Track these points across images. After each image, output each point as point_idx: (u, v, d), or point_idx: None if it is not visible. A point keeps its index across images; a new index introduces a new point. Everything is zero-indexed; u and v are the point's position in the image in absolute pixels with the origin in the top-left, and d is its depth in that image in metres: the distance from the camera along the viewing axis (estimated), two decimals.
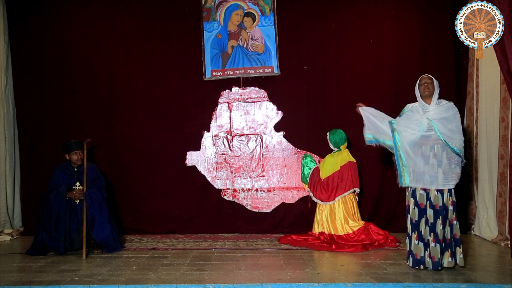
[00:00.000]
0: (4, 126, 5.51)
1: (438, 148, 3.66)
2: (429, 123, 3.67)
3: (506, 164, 4.62)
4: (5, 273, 3.81)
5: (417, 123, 3.73)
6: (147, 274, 3.71)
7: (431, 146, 3.67)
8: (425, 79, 3.82)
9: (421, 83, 3.82)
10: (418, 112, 3.77)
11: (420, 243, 3.71)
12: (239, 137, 5.67)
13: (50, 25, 5.65)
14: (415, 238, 3.74)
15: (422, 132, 3.68)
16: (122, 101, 5.65)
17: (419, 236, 3.72)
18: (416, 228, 3.74)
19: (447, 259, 3.66)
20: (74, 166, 4.71)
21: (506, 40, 3.66)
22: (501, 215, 4.76)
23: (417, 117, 3.75)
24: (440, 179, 3.65)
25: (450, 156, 3.66)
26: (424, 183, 3.68)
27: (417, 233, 3.73)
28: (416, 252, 3.73)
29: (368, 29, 5.53)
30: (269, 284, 3.39)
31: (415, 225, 3.75)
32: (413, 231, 3.76)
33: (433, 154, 3.66)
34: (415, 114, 3.79)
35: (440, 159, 3.66)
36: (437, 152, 3.66)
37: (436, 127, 3.64)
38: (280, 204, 5.60)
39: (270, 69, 5.56)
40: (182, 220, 5.60)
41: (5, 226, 5.50)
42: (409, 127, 3.74)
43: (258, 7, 5.57)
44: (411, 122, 3.76)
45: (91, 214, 4.47)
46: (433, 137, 3.66)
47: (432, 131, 3.66)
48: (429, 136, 3.67)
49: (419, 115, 3.75)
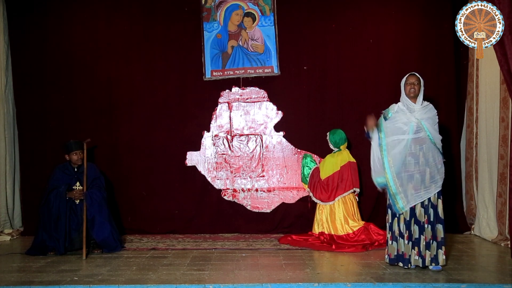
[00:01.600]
0: (4, 126, 5.51)
1: (426, 148, 3.68)
2: (419, 123, 3.67)
3: (506, 164, 4.62)
4: (5, 273, 3.81)
5: (406, 123, 3.71)
6: (147, 274, 3.71)
7: (420, 147, 3.68)
8: (411, 78, 3.77)
9: (408, 82, 3.78)
10: (404, 112, 3.75)
11: (405, 241, 3.74)
12: (239, 137, 5.67)
13: (50, 25, 5.65)
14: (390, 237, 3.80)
15: (412, 134, 3.68)
16: (122, 101, 5.65)
17: (392, 234, 3.79)
18: (391, 228, 3.80)
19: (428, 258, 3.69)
20: (74, 166, 4.71)
21: (506, 40, 3.66)
22: (501, 215, 4.76)
23: (406, 117, 3.73)
24: (427, 184, 3.65)
25: (435, 155, 3.69)
26: (417, 199, 3.68)
27: (392, 232, 3.79)
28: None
29: (368, 29, 5.53)
30: (269, 284, 3.39)
31: (391, 225, 3.80)
32: (390, 230, 3.81)
33: (422, 154, 3.67)
34: (401, 115, 3.76)
35: (427, 158, 3.67)
36: (425, 151, 3.68)
37: (426, 127, 3.66)
38: (280, 204, 5.60)
39: (270, 69, 5.56)
40: (182, 220, 5.60)
41: (5, 226, 5.50)
42: (397, 132, 3.72)
43: (258, 7, 5.57)
44: (399, 125, 3.73)
45: (91, 214, 4.47)
46: (422, 137, 3.67)
47: (422, 131, 3.67)
48: (418, 137, 3.68)
49: (406, 116, 3.73)
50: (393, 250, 3.78)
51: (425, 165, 3.67)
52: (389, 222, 3.84)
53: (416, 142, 3.69)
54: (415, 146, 3.69)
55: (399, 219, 3.75)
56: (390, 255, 3.81)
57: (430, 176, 3.67)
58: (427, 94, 3.89)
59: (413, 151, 3.69)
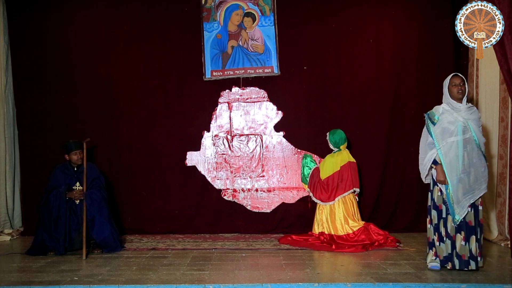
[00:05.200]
0: (4, 126, 5.51)
1: (470, 148, 3.60)
2: (465, 122, 3.60)
3: (506, 164, 4.63)
4: (5, 273, 3.81)
5: (453, 122, 3.62)
6: (147, 274, 3.71)
7: (464, 148, 3.60)
8: (456, 79, 3.67)
9: (455, 83, 3.67)
10: (450, 113, 3.66)
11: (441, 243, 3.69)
12: (239, 137, 5.67)
13: (50, 25, 5.65)
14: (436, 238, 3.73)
15: (461, 135, 3.60)
16: (122, 101, 5.65)
17: (440, 236, 3.71)
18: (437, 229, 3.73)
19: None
20: (74, 166, 4.71)
21: (506, 40, 3.66)
22: (500, 215, 4.77)
23: (452, 116, 3.64)
24: (473, 186, 3.58)
25: (479, 157, 3.63)
26: (465, 207, 3.59)
27: (439, 233, 3.72)
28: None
29: (368, 29, 5.54)
30: (269, 284, 3.40)
31: (437, 226, 3.73)
32: (436, 231, 3.73)
33: (466, 154, 3.60)
34: (447, 115, 3.66)
35: (471, 159, 3.60)
36: (469, 151, 3.60)
37: (472, 128, 3.60)
38: (280, 204, 5.60)
39: (270, 69, 5.56)
40: (182, 220, 5.60)
41: (5, 226, 5.51)
42: (447, 133, 3.63)
43: (258, 7, 5.57)
44: (446, 125, 3.64)
45: (91, 214, 4.47)
46: (468, 138, 3.60)
47: (468, 132, 3.60)
48: (465, 138, 3.60)
49: (452, 116, 3.64)
50: (442, 252, 3.69)
51: (470, 167, 3.60)
52: (434, 224, 3.72)
53: (463, 142, 3.62)
54: (463, 146, 3.61)
55: (446, 221, 3.66)
56: (439, 257, 3.70)
57: (475, 178, 3.60)
58: (427, 94, 3.88)
59: (462, 152, 3.61)
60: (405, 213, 5.44)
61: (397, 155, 5.51)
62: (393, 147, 5.50)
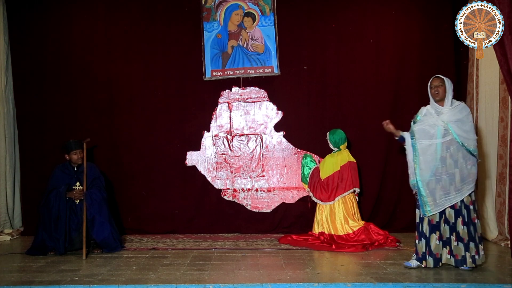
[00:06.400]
0: (4, 126, 5.52)
1: (453, 149, 3.64)
2: (445, 126, 3.64)
3: (505, 164, 4.63)
4: (5, 273, 3.81)
5: (433, 125, 3.69)
6: (147, 274, 3.71)
7: (447, 149, 3.64)
8: (434, 82, 3.75)
9: (431, 86, 3.76)
10: (432, 116, 3.73)
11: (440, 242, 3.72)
12: (239, 137, 5.67)
13: (50, 25, 5.65)
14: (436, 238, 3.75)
15: (440, 139, 3.65)
16: (122, 101, 5.66)
17: (419, 234, 3.78)
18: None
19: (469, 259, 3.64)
20: (74, 166, 4.71)
21: (506, 40, 3.66)
22: (500, 215, 4.77)
23: (432, 120, 3.71)
24: (458, 186, 3.61)
25: (465, 156, 3.64)
26: (446, 203, 3.64)
27: (418, 232, 3.78)
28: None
29: (368, 29, 5.54)
30: (269, 284, 3.40)
31: (418, 224, 3.79)
32: (417, 229, 3.80)
33: (449, 155, 3.64)
34: (429, 118, 3.75)
35: (455, 159, 3.63)
36: (453, 152, 3.64)
37: (452, 129, 3.62)
38: (280, 204, 5.61)
39: (270, 69, 5.56)
40: (182, 220, 5.60)
41: (5, 226, 5.51)
42: (425, 135, 3.70)
43: (258, 7, 5.57)
44: (427, 128, 3.71)
45: (91, 214, 4.47)
46: (450, 139, 3.64)
47: (449, 135, 3.63)
48: (446, 140, 3.64)
49: (433, 119, 3.71)
50: (420, 249, 3.76)
51: (454, 167, 3.63)
52: (416, 222, 3.81)
53: (444, 145, 3.66)
54: (443, 148, 3.65)
55: (423, 220, 3.74)
56: (418, 254, 3.77)
57: (461, 178, 3.62)
58: (427, 94, 3.88)
59: (441, 154, 3.66)
60: (405, 213, 5.44)
61: (397, 155, 5.50)
62: (393, 147, 5.50)
